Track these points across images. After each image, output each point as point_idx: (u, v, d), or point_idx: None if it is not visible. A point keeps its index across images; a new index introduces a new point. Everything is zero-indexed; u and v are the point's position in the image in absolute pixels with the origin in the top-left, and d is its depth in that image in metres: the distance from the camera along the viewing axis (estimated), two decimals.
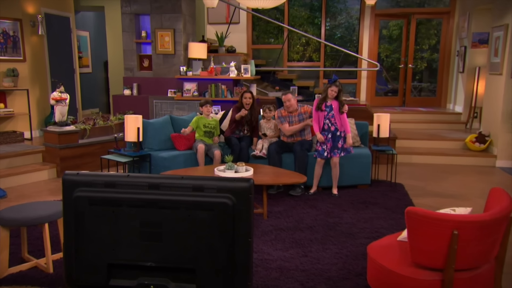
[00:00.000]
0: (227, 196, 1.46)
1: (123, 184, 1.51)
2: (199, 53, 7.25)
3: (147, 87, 7.77)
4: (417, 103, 9.56)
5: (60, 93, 5.47)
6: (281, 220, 4.07)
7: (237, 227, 1.47)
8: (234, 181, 1.49)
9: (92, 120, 6.30)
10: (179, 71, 7.38)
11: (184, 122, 5.54)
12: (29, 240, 3.50)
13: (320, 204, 4.57)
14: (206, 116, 5.25)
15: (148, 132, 5.20)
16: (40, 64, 7.40)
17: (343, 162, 5.06)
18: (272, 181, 4.19)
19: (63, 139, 5.65)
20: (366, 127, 5.53)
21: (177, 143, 5.23)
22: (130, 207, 1.49)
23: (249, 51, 9.50)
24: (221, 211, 1.46)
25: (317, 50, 9.80)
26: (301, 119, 5.07)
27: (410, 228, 2.25)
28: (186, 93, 7.36)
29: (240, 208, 1.46)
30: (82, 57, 9.91)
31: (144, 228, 1.49)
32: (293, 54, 9.96)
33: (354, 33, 9.86)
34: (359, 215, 4.22)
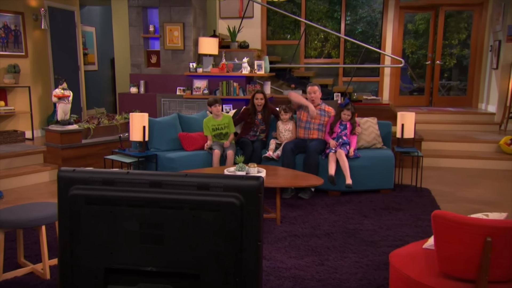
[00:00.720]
0: (235, 195, 1.44)
1: (123, 182, 1.50)
2: (210, 49, 7.28)
3: (154, 84, 7.82)
4: (446, 102, 9.42)
5: (63, 90, 5.51)
6: (296, 226, 4.06)
7: (245, 229, 1.45)
8: (242, 179, 1.46)
9: (97, 119, 6.34)
10: (189, 67, 7.41)
11: (193, 121, 5.56)
12: (26, 245, 3.51)
13: (339, 209, 4.55)
14: (215, 116, 5.24)
15: (155, 131, 5.21)
16: (43, 60, 7.49)
17: (364, 164, 5.04)
18: (286, 183, 4.18)
19: (66, 139, 5.69)
20: (389, 126, 5.49)
21: (185, 143, 5.24)
22: (129, 207, 1.48)
23: (263, 47, 9.49)
24: (228, 211, 1.44)
25: (337, 46, 9.76)
26: (323, 115, 5.24)
27: (438, 234, 2.19)
28: (196, 91, 7.38)
29: (249, 209, 1.44)
30: (87, 54, 10.00)
31: (145, 230, 1.48)
32: (311, 51, 9.93)
33: (376, 28, 9.78)
34: (382, 221, 4.19)
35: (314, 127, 5.21)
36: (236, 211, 1.43)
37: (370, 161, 5.05)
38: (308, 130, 5.22)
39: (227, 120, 5.29)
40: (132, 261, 1.50)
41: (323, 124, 5.24)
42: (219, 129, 5.25)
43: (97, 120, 6.33)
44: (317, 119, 5.22)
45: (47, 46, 7.57)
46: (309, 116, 5.20)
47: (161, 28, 7.63)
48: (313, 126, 5.22)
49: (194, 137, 5.26)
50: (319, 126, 5.23)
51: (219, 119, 5.28)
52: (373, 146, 5.39)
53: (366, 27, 9.97)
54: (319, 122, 5.23)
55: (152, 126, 5.19)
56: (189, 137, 5.25)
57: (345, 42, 9.53)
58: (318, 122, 5.23)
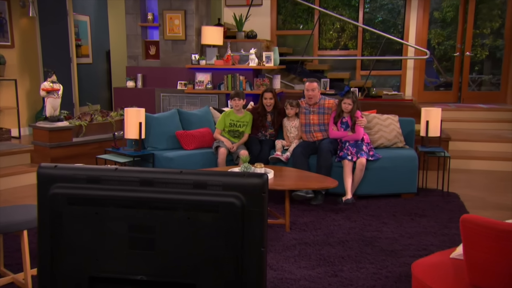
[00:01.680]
0: (235, 194, 1.42)
1: (110, 180, 1.48)
2: (214, 39, 7.28)
3: (153, 78, 7.83)
4: (476, 98, 9.32)
5: (52, 83, 5.53)
6: (307, 233, 4.05)
7: (247, 233, 1.42)
8: (243, 176, 1.44)
9: (89, 116, 6.35)
10: (191, 59, 7.43)
11: (194, 117, 5.59)
12: (7, 252, 3.51)
13: (355, 215, 4.53)
14: (236, 111, 5.30)
15: (152, 128, 5.24)
16: (31, 50, 7.52)
17: (384, 166, 5.02)
18: (295, 185, 4.20)
19: (55, 137, 5.70)
20: (412, 124, 5.49)
21: (184, 141, 5.27)
22: (117, 208, 1.47)
23: (273, 38, 9.47)
24: (227, 212, 1.42)
25: (354, 37, 9.71)
26: (322, 112, 5.19)
27: (467, 242, 2.14)
28: (199, 85, 7.38)
29: (251, 210, 1.42)
30: (81, 46, 10.02)
31: (134, 233, 1.46)
32: (325, 42, 9.89)
33: (399, 16, 9.72)
34: (403, 229, 4.17)
35: (315, 129, 5.22)
36: (237, 212, 1.41)
37: (390, 161, 5.02)
38: (309, 133, 5.24)
39: (248, 119, 5.33)
40: (119, 269, 1.49)
41: (324, 123, 5.23)
42: (237, 125, 5.29)
43: (90, 116, 6.35)
44: (315, 119, 5.21)
45: (35, 36, 7.59)
46: (306, 118, 5.20)
47: (161, 16, 7.64)
48: (313, 128, 5.23)
49: (193, 135, 5.30)
50: (320, 126, 5.22)
51: (240, 115, 5.33)
52: (394, 145, 5.37)
53: (387, 16, 9.91)
54: (319, 122, 5.23)
55: (149, 122, 5.21)
56: (188, 135, 5.28)
57: (364, 32, 9.47)
58: (317, 122, 5.22)
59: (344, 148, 4.98)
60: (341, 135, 5.08)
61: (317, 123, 5.21)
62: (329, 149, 4.96)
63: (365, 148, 4.97)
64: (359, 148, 4.95)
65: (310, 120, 5.21)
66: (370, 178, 4.98)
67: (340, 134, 5.08)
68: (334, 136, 5.11)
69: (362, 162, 4.85)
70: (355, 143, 4.99)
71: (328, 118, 5.22)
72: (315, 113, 5.20)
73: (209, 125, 5.61)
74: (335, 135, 5.11)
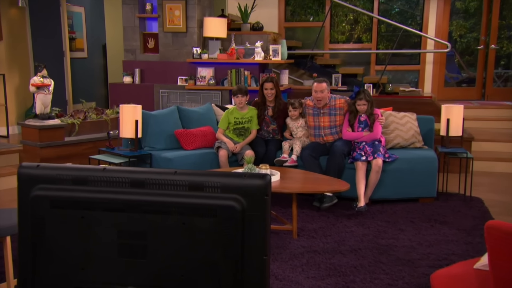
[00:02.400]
0: (235, 197, 1.41)
1: (97, 181, 1.47)
2: (217, 31, 7.29)
3: (152, 73, 7.85)
4: (503, 95, 9.26)
5: (42, 78, 5.53)
6: (316, 240, 4.04)
7: (247, 240, 1.41)
8: (244, 177, 1.43)
9: (83, 114, 6.36)
10: (192, 53, 7.44)
11: (195, 114, 5.60)
12: None
13: (369, 221, 4.52)
14: (240, 109, 5.31)
15: (149, 126, 5.25)
16: (20, 43, 7.53)
17: (400, 167, 5.01)
18: (303, 188, 4.21)
19: (45, 136, 5.72)
20: (431, 122, 5.47)
21: (184, 141, 5.28)
22: (105, 211, 1.45)
23: (280, 30, 9.47)
24: (226, 217, 1.40)
25: (369, 29, 9.70)
26: (333, 113, 5.17)
27: (493, 251, 2.10)
28: (201, 80, 7.39)
29: (252, 214, 1.40)
30: (75, 39, 10.05)
31: (124, 240, 1.45)
32: (337, 34, 9.89)
33: (417, 7, 9.69)
34: (421, 236, 4.15)
35: (326, 132, 5.18)
36: (237, 217, 1.40)
37: (407, 163, 5.00)
38: (319, 137, 5.20)
39: (252, 114, 5.34)
40: (107, 279, 1.47)
41: (336, 125, 5.19)
42: (242, 122, 5.30)
43: (84, 114, 6.35)
44: (325, 122, 5.17)
45: (25, 28, 7.61)
46: (316, 120, 5.16)
47: (160, 7, 7.65)
48: (324, 132, 5.19)
49: (193, 134, 5.30)
50: (331, 129, 5.18)
51: (244, 112, 5.34)
52: (412, 145, 5.35)
53: (405, 6, 9.89)
54: (330, 124, 5.19)
55: (146, 120, 5.22)
56: (188, 134, 5.28)
57: (379, 24, 9.45)
58: (328, 125, 5.18)
59: (358, 148, 4.93)
60: (356, 136, 5.04)
61: (327, 126, 5.17)
62: (342, 151, 4.93)
63: (382, 150, 4.94)
64: (376, 148, 4.91)
65: (320, 122, 5.18)
66: (385, 181, 4.95)
67: (355, 135, 5.05)
68: (349, 138, 5.07)
69: (378, 163, 4.81)
70: (372, 143, 4.95)
71: (340, 120, 5.17)
72: (325, 114, 5.15)
73: (211, 123, 5.61)
74: (349, 137, 5.08)
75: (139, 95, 7.67)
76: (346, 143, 5.06)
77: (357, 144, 5.01)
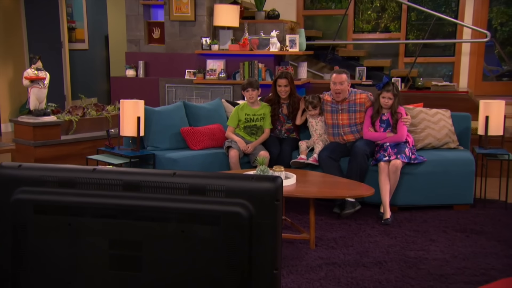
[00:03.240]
0: (241, 202, 1.40)
1: (86, 183, 1.48)
2: (228, 20, 7.29)
3: (157, 66, 7.86)
4: None
5: (37, 71, 5.54)
6: (336, 251, 4.01)
7: (256, 252, 1.40)
8: (252, 179, 1.43)
9: (81, 110, 6.37)
10: (201, 44, 7.43)
11: (203, 111, 5.62)
12: None
13: (396, 230, 4.49)
14: (251, 104, 5.31)
15: (153, 124, 5.25)
16: (15, 34, 7.57)
17: (432, 170, 4.97)
18: (321, 192, 4.20)
19: (40, 134, 5.74)
20: (468, 120, 5.43)
21: (190, 140, 5.28)
22: (95, 218, 1.45)
23: (299, 19, 9.42)
24: (231, 225, 1.40)
25: (397, 18, 9.61)
26: (352, 110, 5.13)
27: None
28: (210, 74, 7.41)
29: (261, 222, 1.40)
30: (75, 29, 10.11)
31: (116, 250, 1.45)
32: (362, 23, 9.84)
33: None
34: (456, 248, 4.10)
35: (345, 130, 5.15)
36: (243, 224, 1.39)
37: (440, 165, 4.96)
38: (338, 136, 5.18)
39: (266, 111, 5.34)
40: None
41: (356, 123, 5.15)
42: (253, 120, 5.30)
43: (82, 110, 6.36)
44: (344, 119, 5.14)
45: (20, 17, 7.65)
46: (334, 118, 5.14)
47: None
48: (343, 130, 5.16)
49: (201, 132, 5.30)
50: (351, 127, 5.15)
51: (256, 108, 5.33)
52: (445, 145, 5.31)
53: None
54: (349, 122, 5.15)
55: (149, 117, 5.22)
56: (195, 133, 5.28)
57: (409, 12, 9.36)
58: (347, 122, 5.14)
59: (382, 149, 4.89)
60: (378, 136, 4.99)
61: (347, 124, 5.13)
62: (364, 152, 4.90)
63: (407, 151, 4.88)
64: (400, 149, 4.87)
65: (339, 120, 5.14)
66: (414, 185, 4.91)
67: (377, 135, 5.00)
68: (370, 138, 5.03)
69: (396, 164, 4.76)
70: (397, 144, 4.92)
71: (361, 117, 5.13)
72: (344, 111, 5.11)
73: (220, 120, 5.60)
74: (370, 137, 5.03)
75: (143, 90, 7.68)
76: (368, 143, 5.02)
77: (380, 144, 4.98)
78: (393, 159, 4.79)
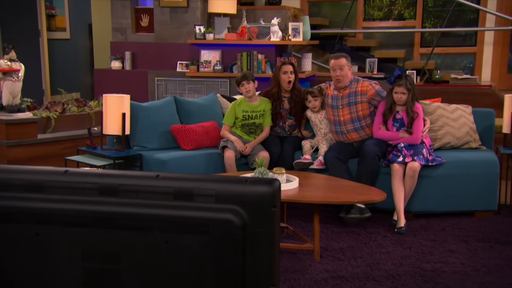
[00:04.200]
0: (233, 208, 1.41)
1: (57, 187, 1.48)
2: (225, 6, 7.34)
3: (145, 57, 7.89)
4: None
5: (10, 62, 5.52)
6: (344, 263, 4.00)
7: (250, 264, 1.41)
8: (245, 183, 1.44)
9: (61, 106, 6.34)
10: (194, 33, 7.46)
11: (196, 107, 5.64)
12: None
13: (410, 239, 4.47)
14: (248, 99, 5.31)
15: (140, 121, 5.26)
16: None
17: (451, 173, 4.96)
18: (327, 198, 4.19)
19: (14, 132, 5.73)
20: (491, 117, 5.42)
21: (181, 139, 5.28)
22: (67, 227, 1.45)
23: (303, 6, 9.45)
24: (222, 234, 1.40)
25: (412, 4, 9.63)
26: (353, 102, 5.08)
27: None
28: (205, 66, 7.47)
29: (256, 231, 1.41)
30: (55, 16, 10.11)
31: (91, 264, 1.45)
32: (373, 10, 9.86)
33: None
34: (478, 260, 4.07)
35: (349, 128, 5.11)
36: (236, 234, 1.40)
37: (460, 167, 4.96)
38: (342, 135, 5.16)
39: (265, 107, 5.34)
40: None
41: (358, 117, 5.10)
42: (252, 117, 5.30)
43: (62, 106, 6.34)
44: (345, 114, 5.10)
45: None
46: (335, 114, 5.13)
47: None
48: (346, 128, 5.13)
49: (193, 131, 5.30)
50: (354, 124, 5.10)
51: (255, 103, 5.33)
52: (466, 145, 5.30)
53: None
54: (351, 117, 5.10)
55: (135, 113, 5.22)
56: (187, 131, 5.28)
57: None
58: (349, 118, 5.10)
59: (395, 149, 4.87)
60: (390, 136, 4.96)
61: (349, 119, 5.09)
62: (375, 153, 4.88)
63: (425, 152, 4.87)
64: (417, 150, 4.85)
65: (340, 116, 5.12)
66: (431, 189, 4.90)
67: (389, 135, 4.96)
68: (380, 137, 5.01)
69: (414, 166, 4.73)
70: (412, 145, 4.92)
71: (363, 109, 5.08)
72: (344, 106, 5.07)
73: (215, 117, 5.61)
74: (381, 136, 5.00)
75: (130, 84, 7.71)
76: (379, 142, 4.99)
77: (392, 145, 4.97)
78: (409, 161, 4.77)
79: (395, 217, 4.75)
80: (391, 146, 4.96)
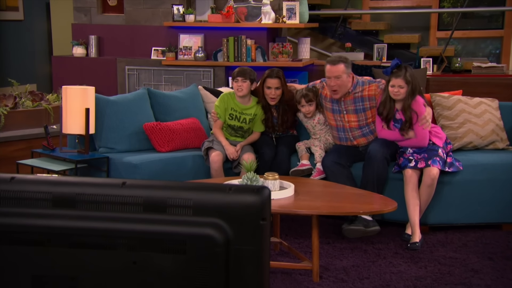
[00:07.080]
0: (214, 222, 1.43)
1: (2, 198, 1.50)
2: None
3: (114, 42, 7.93)
4: None
5: None
6: (348, 284, 3.97)
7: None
8: (229, 191, 1.46)
9: (12, 100, 6.31)
10: (172, 14, 7.49)
11: (174, 101, 5.65)
12: None
13: (426, 256, 4.47)
14: (239, 98, 5.33)
15: (107, 118, 5.25)
16: None
17: (473, 179, 4.95)
18: (328, 208, 4.19)
19: None
20: None
21: (156, 139, 5.27)
22: (14, 245, 1.47)
23: None
24: (201, 253, 1.43)
25: None
26: (361, 109, 5.08)
27: None
28: (184, 53, 7.50)
29: (241, 248, 1.43)
30: None
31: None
32: None
33: None
34: (506, 281, 4.07)
35: (356, 134, 5.13)
36: (217, 252, 1.42)
37: (484, 172, 4.96)
38: (347, 141, 5.17)
39: (257, 111, 5.34)
40: None
41: (367, 124, 5.13)
42: (240, 119, 5.31)
43: (14, 100, 6.30)
44: (352, 121, 5.10)
45: None
46: (337, 119, 5.13)
47: None
48: (352, 134, 5.15)
49: (170, 129, 5.29)
50: (362, 130, 5.12)
51: (246, 105, 5.33)
52: (491, 145, 5.31)
53: None
54: (359, 124, 5.11)
55: (101, 109, 5.21)
56: (163, 130, 5.28)
57: None
58: (356, 125, 5.11)
59: (406, 153, 4.88)
60: (395, 137, 4.97)
61: (356, 127, 5.10)
62: (383, 156, 4.87)
63: (441, 152, 4.86)
64: (431, 153, 4.84)
65: (345, 123, 5.12)
66: (451, 198, 4.91)
67: (393, 135, 4.97)
68: (385, 137, 5.03)
69: (432, 173, 4.72)
70: (431, 154, 4.90)
71: (373, 116, 5.08)
72: (350, 112, 5.07)
73: (196, 113, 5.63)
74: (386, 136, 5.02)
75: (96, 74, 7.74)
76: (387, 143, 4.99)
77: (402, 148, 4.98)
78: (422, 166, 4.76)
79: (408, 230, 4.76)
80: (401, 148, 4.94)
